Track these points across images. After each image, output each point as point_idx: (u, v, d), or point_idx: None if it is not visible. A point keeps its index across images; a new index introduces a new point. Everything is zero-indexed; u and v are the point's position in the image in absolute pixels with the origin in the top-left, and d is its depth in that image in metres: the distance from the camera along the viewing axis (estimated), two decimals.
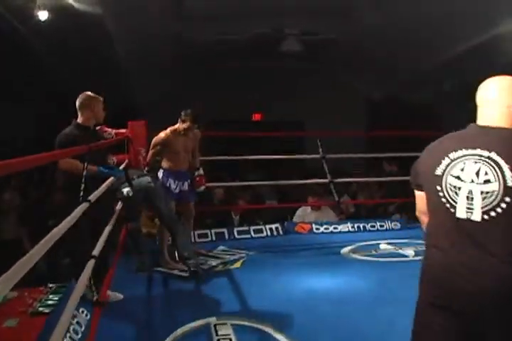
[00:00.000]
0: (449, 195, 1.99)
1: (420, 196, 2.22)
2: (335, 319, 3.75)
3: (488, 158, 1.91)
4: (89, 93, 4.34)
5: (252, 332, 3.56)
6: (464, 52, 9.08)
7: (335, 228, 7.01)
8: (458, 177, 1.97)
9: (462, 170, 1.97)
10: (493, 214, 1.88)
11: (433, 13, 7.74)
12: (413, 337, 2.20)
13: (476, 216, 1.92)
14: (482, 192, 1.90)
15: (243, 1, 8.01)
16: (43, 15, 7.31)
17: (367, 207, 8.74)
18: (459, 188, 1.97)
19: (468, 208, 1.94)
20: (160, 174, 5.37)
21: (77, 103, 4.26)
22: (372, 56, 10.35)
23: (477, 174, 1.93)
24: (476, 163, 1.94)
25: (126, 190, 4.61)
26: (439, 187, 2.02)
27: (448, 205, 2.00)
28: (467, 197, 1.94)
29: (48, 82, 9.21)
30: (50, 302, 4.51)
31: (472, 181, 1.94)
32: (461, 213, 1.96)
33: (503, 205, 1.85)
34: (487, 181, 1.90)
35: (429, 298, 2.10)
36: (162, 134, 5.36)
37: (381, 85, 12.26)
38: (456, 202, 1.97)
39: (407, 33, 8.78)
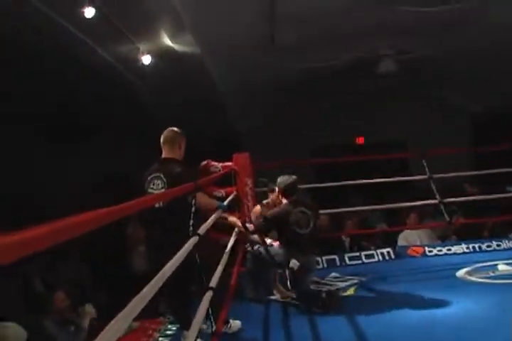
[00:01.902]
0: None
1: None
2: None
3: None
4: (176, 129, 4.35)
5: None
6: None
7: (448, 250, 6.82)
8: None
9: None
10: None
11: None
12: None
13: None
14: None
15: (334, 28, 8.07)
16: (146, 59, 7.70)
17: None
18: None
19: None
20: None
21: (165, 139, 4.28)
22: (468, 70, 10.14)
23: None
24: None
25: (296, 264, 4.80)
26: None
27: None
28: None
29: (152, 123, 9.67)
30: (168, 332, 4.73)
31: None
32: None
33: None
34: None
35: None
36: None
37: (482, 99, 11.91)
38: None
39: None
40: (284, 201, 5.15)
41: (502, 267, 5.72)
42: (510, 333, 3.50)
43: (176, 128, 4.36)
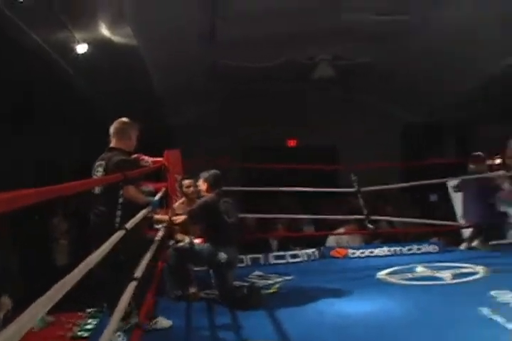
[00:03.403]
0: None
1: None
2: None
3: None
4: (126, 119, 4.45)
5: None
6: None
7: (371, 252, 7.00)
8: None
9: None
10: None
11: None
12: None
13: None
14: None
15: (276, 28, 8.13)
16: (81, 48, 7.54)
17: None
18: None
19: None
20: None
21: (114, 129, 4.36)
22: (408, 81, 10.39)
23: None
24: None
25: (223, 256, 4.81)
26: None
27: None
28: None
29: (88, 110, 9.46)
30: (89, 326, 4.63)
31: None
32: None
33: None
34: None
35: None
36: None
37: (414, 108, 12.23)
38: None
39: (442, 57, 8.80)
40: (209, 194, 5.18)
41: (420, 269, 5.92)
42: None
43: (126, 119, 4.43)
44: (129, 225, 3.40)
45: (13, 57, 6.89)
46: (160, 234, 4.86)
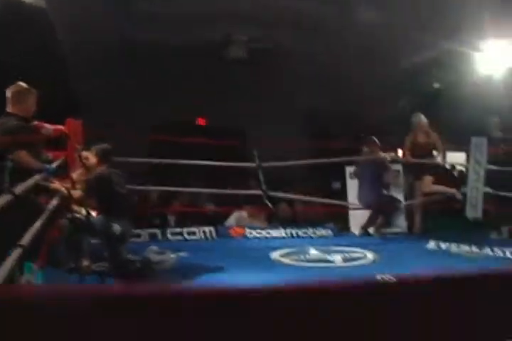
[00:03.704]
0: None
1: None
2: None
3: None
4: (23, 84, 4.34)
5: None
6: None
7: (268, 233, 7.13)
8: None
9: None
10: None
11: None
12: None
13: None
14: None
15: (195, 6, 8.04)
16: None
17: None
18: None
19: None
20: None
21: (10, 93, 4.24)
22: (316, 67, 10.54)
23: None
24: None
25: (117, 228, 4.74)
26: None
27: None
28: None
29: None
30: None
31: None
32: None
33: None
34: None
35: None
36: None
37: (322, 97, 12.43)
38: None
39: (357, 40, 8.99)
40: (100, 167, 5.13)
41: (313, 252, 6.09)
42: None
43: (23, 84, 4.36)
44: (17, 190, 3.30)
45: None
46: (54, 202, 4.76)
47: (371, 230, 7.43)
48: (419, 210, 7.67)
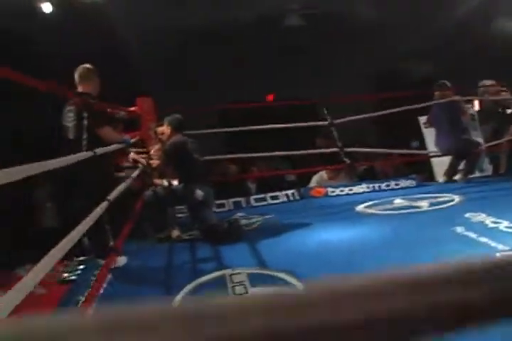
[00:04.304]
0: None
1: None
2: (346, 264, 3.84)
3: None
4: (88, 65, 4.51)
5: (266, 278, 3.66)
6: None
7: (350, 190, 7.09)
8: None
9: None
10: None
11: None
12: None
13: None
14: None
15: None
16: (46, 7, 7.44)
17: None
18: None
19: None
20: None
21: (79, 74, 4.41)
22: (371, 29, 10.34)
23: None
24: None
25: (200, 193, 4.87)
26: None
27: None
28: None
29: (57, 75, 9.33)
30: (77, 272, 4.70)
31: None
32: None
33: None
34: None
35: None
36: None
37: (382, 59, 12.17)
38: None
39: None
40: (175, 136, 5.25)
41: (398, 201, 6.02)
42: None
43: (88, 65, 4.54)
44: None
45: None
46: (135, 173, 4.94)
47: (456, 177, 7.26)
48: (504, 151, 7.43)
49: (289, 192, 7.04)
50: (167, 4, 8.66)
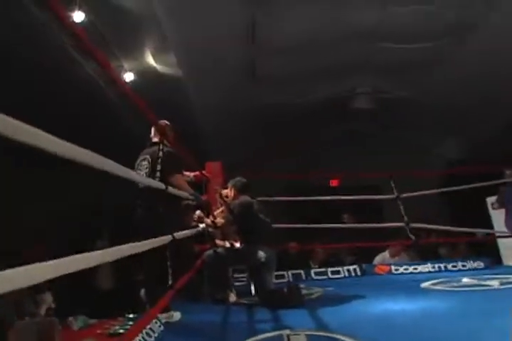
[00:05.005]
0: None
1: None
2: (408, 331, 3.62)
3: None
4: (165, 121, 4.65)
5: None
6: None
7: (414, 268, 6.85)
8: None
9: None
10: None
11: None
12: None
13: None
14: None
15: (311, 63, 8.15)
16: (128, 77, 7.78)
17: None
18: None
19: None
20: None
21: (155, 127, 4.51)
22: (446, 115, 10.22)
23: None
24: None
25: (262, 255, 4.85)
26: None
27: None
28: None
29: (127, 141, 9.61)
30: (127, 327, 4.62)
31: None
32: None
33: None
34: None
35: None
36: None
37: (458, 147, 11.96)
38: None
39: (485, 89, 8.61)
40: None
41: (466, 279, 5.73)
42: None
43: (166, 121, 4.74)
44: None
45: (67, 88, 7.17)
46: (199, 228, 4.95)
47: None
48: None
49: (351, 267, 6.85)
50: (243, 81, 8.87)
